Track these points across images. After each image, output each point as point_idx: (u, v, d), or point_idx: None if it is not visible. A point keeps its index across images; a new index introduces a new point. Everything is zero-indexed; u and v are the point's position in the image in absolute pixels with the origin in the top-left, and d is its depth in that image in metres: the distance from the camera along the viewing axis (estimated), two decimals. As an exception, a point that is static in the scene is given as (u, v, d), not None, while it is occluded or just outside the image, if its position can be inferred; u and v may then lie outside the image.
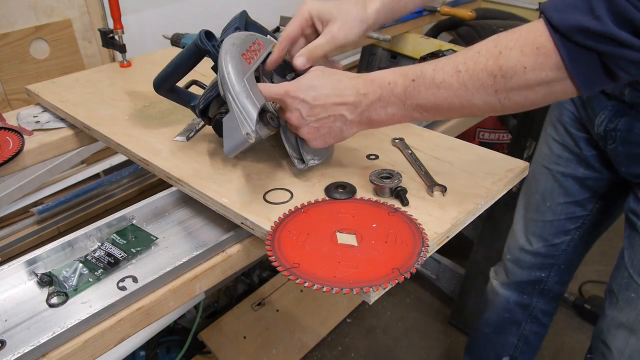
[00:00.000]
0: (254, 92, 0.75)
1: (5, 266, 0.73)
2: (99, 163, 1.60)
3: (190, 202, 0.90)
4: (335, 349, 1.93)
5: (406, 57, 1.85)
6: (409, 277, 0.63)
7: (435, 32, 2.32)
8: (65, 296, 0.70)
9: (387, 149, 0.94)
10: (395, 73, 0.72)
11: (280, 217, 0.75)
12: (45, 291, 0.71)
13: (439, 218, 0.75)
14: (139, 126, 1.05)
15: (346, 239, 0.71)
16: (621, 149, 0.98)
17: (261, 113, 0.76)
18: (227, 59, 0.76)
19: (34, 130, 1.14)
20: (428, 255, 0.68)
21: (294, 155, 0.85)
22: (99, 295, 0.70)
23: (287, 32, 0.82)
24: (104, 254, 0.76)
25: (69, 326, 0.64)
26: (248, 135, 0.71)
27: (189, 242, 0.82)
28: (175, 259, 0.77)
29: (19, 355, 0.60)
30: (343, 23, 0.80)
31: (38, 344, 0.61)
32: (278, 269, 0.66)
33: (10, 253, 1.30)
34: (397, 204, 0.78)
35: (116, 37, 1.36)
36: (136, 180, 1.58)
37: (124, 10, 1.38)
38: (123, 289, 0.71)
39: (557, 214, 1.22)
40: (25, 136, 1.10)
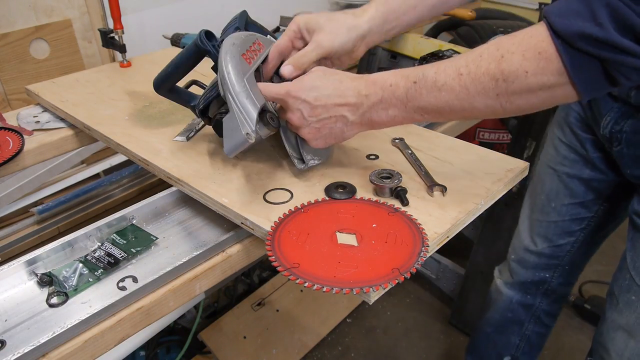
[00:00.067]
0: (254, 92, 0.75)
1: (5, 266, 0.73)
2: (99, 163, 1.60)
3: (190, 202, 0.90)
4: (335, 349, 1.93)
5: (406, 57, 1.85)
6: (409, 277, 0.63)
7: (435, 32, 2.32)
8: (65, 296, 0.70)
9: (387, 149, 0.94)
10: (396, 75, 0.72)
11: (280, 217, 0.75)
12: (45, 291, 0.71)
13: (439, 218, 0.75)
14: (139, 126, 1.05)
15: (346, 239, 0.71)
16: (626, 151, 0.98)
17: (261, 113, 0.76)
18: (227, 59, 0.76)
19: (34, 130, 1.14)
20: (428, 255, 0.68)
21: (294, 155, 0.85)
22: (99, 295, 0.70)
23: (276, 45, 0.83)
24: (104, 254, 0.76)
25: (69, 326, 0.64)
26: (248, 136, 0.71)
27: (189, 242, 0.82)
28: (175, 259, 0.77)
29: (19, 355, 0.60)
30: (329, 31, 0.81)
31: (38, 344, 0.61)
32: (278, 269, 0.66)
33: (10, 253, 1.30)
34: (397, 204, 0.78)
35: (116, 37, 1.36)
36: (136, 180, 1.57)
37: (124, 10, 1.38)
38: (123, 289, 0.71)
39: (562, 215, 1.22)
40: (25, 136, 1.10)
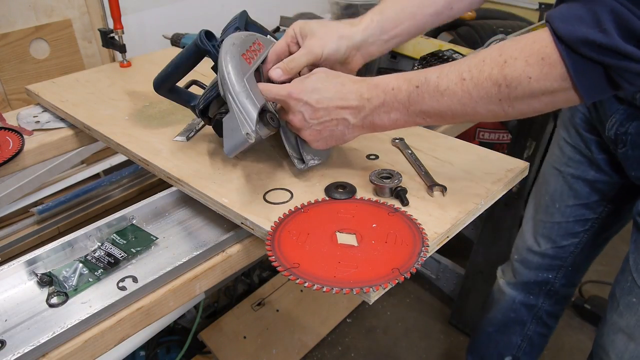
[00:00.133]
0: (254, 92, 0.75)
1: (5, 266, 0.73)
2: (99, 163, 1.60)
3: (190, 202, 0.90)
4: (335, 349, 1.93)
5: (406, 57, 1.85)
6: (409, 277, 0.63)
7: (435, 32, 2.31)
8: (65, 296, 0.70)
9: (387, 149, 0.94)
10: (399, 78, 0.72)
11: (280, 217, 0.75)
12: (45, 291, 0.71)
13: (439, 218, 0.75)
14: (139, 126, 1.05)
15: (346, 239, 0.71)
16: (631, 153, 0.97)
17: (261, 113, 0.76)
18: (227, 59, 0.76)
19: (34, 130, 1.14)
20: (428, 255, 0.68)
21: (294, 155, 0.85)
22: (99, 295, 0.70)
23: (274, 49, 0.83)
24: (104, 254, 0.76)
25: (69, 326, 0.64)
26: (248, 136, 0.71)
27: (189, 242, 0.82)
28: (175, 259, 0.77)
29: (19, 355, 0.60)
30: (320, 37, 0.81)
31: (38, 344, 0.61)
32: (278, 269, 0.66)
33: (10, 253, 1.30)
34: (397, 204, 0.78)
35: (116, 37, 1.36)
36: (136, 180, 1.57)
37: (124, 10, 1.38)
38: (123, 289, 0.71)
39: (566, 216, 1.22)
40: (25, 136, 1.10)
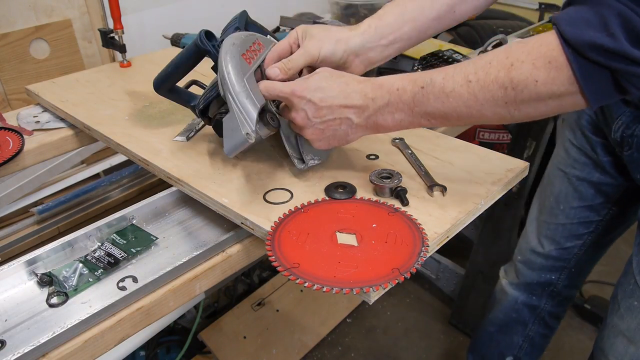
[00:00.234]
0: (254, 92, 0.75)
1: (5, 266, 0.73)
2: (99, 163, 1.60)
3: (190, 202, 0.90)
4: (335, 349, 1.93)
5: (406, 57, 1.85)
6: (409, 277, 0.63)
7: (435, 32, 2.32)
8: (65, 296, 0.70)
9: (387, 149, 0.94)
10: (404, 79, 0.72)
11: (280, 217, 0.75)
12: (45, 291, 0.71)
13: (439, 218, 0.75)
14: (139, 126, 1.05)
15: (346, 239, 0.71)
16: (637, 156, 0.97)
17: (261, 113, 0.76)
18: (227, 59, 0.76)
19: (34, 130, 1.14)
20: (428, 255, 0.68)
21: (293, 155, 0.85)
22: (99, 295, 0.70)
23: (276, 48, 0.83)
24: (104, 254, 0.76)
25: (69, 326, 0.64)
26: (248, 136, 0.71)
27: (189, 242, 0.82)
28: (175, 259, 0.77)
29: (19, 355, 0.60)
30: (318, 39, 0.81)
31: (38, 344, 0.61)
32: (278, 269, 0.66)
33: (10, 253, 1.30)
34: (397, 204, 0.78)
35: (116, 37, 1.36)
36: (136, 180, 1.57)
37: (124, 10, 1.38)
38: (123, 289, 0.71)
39: (570, 218, 1.22)
40: (25, 136, 1.10)
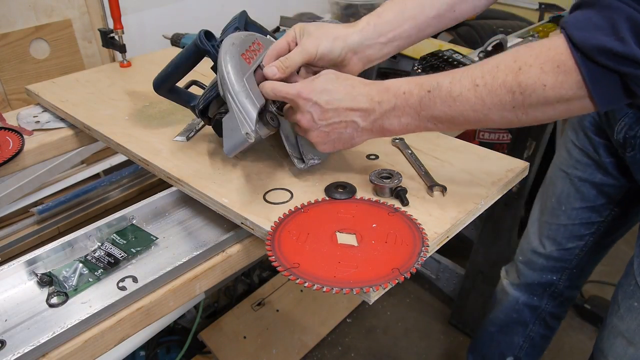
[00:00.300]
0: (253, 92, 0.75)
1: (5, 266, 0.73)
2: (99, 163, 1.60)
3: (190, 202, 0.90)
4: (335, 349, 1.93)
5: (406, 57, 1.85)
6: (409, 277, 0.63)
7: (436, 32, 2.32)
8: (65, 296, 0.70)
9: (387, 149, 0.94)
10: (410, 83, 0.71)
11: (280, 217, 0.75)
12: (45, 291, 0.71)
13: (439, 218, 0.75)
14: (139, 126, 1.05)
15: (346, 239, 0.71)
16: (639, 157, 0.97)
17: (261, 113, 0.76)
18: (226, 59, 0.76)
19: (34, 130, 1.14)
20: (428, 255, 0.68)
21: (293, 155, 0.85)
22: (99, 295, 0.70)
23: (274, 47, 0.83)
24: (104, 254, 0.76)
25: (69, 326, 0.64)
26: (248, 135, 0.71)
27: (189, 242, 0.82)
28: (175, 259, 0.77)
29: (19, 355, 0.60)
30: (315, 37, 0.81)
31: (38, 344, 0.61)
32: (278, 269, 0.66)
33: (10, 253, 1.30)
34: (397, 204, 0.78)
35: (116, 37, 1.36)
36: (136, 180, 1.57)
37: (124, 10, 1.38)
38: (123, 289, 0.71)
39: (572, 219, 1.22)
40: (25, 136, 1.10)
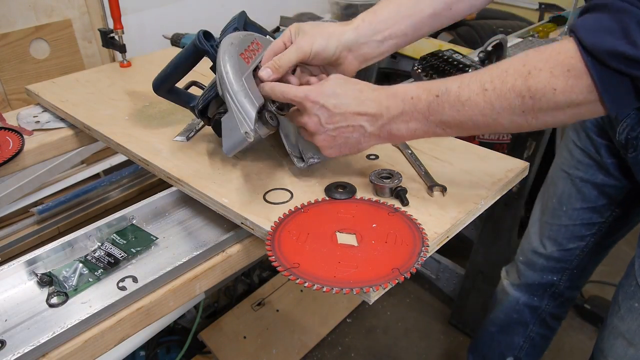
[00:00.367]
0: (252, 91, 0.75)
1: (5, 266, 0.73)
2: (99, 163, 1.61)
3: (190, 202, 0.90)
4: (335, 349, 1.93)
5: (406, 57, 1.85)
6: (409, 277, 0.63)
7: (435, 32, 2.31)
8: (65, 296, 0.70)
9: (387, 149, 0.94)
10: (418, 88, 0.71)
11: (280, 217, 0.75)
12: (45, 291, 0.71)
13: (439, 218, 0.75)
14: (139, 126, 1.05)
15: (346, 239, 0.71)
16: None
17: (260, 112, 0.76)
18: (225, 59, 0.76)
19: (34, 130, 1.14)
20: (428, 255, 0.68)
21: (293, 154, 0.85)
22: (99, 295, 0.70)
23: (271, 47, 0.83)
24: (104, 254, 0.76)
25: (69, 326, 0.64)
26: (247, 134, 0.71)
27: (189, 242, 0.82)
28: (175, 259, 0.77)
29: (19, 355, 0.60)
30: (310, 35, 0.81)
31: (38, 344, 0.61)
32: (278, 269, 0.66)
33: (10, 253, 1.30)
34: (397, 204, 0.78)
35: (116, 37, 1.36)
36: (136, 180, 1.58)
37: (124, 10, 1.38)
38: (123, 289, 0.71)
39: (573, 219, 1.21)
40: (25, 136, 1.10)
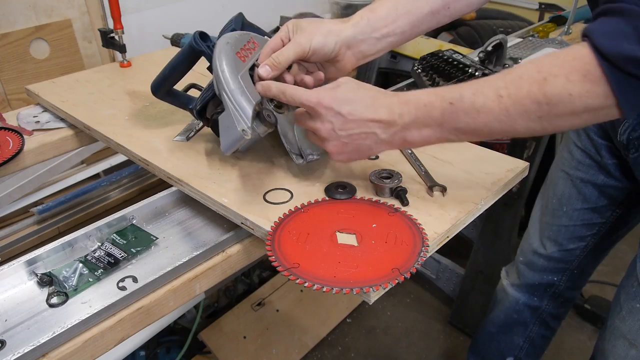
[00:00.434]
0: (248, 89, 0.75)
1: (5, 266, 0.73)
2: (99, 163, 1.61)
3: (190, 202, 0.90)
4: (335, 349, 1.93)
5: (406, 57, 1.85)
6: (409, 277, 0.63)
7: (435, 32, 2.32)
8: (65, 296, 0.70)
9: (387, 149, 0.94)
10: (430, 94, 0.70)
11: (280, 217, 0.75)
12: (45, 291, 0.71)
13: (439, 218, 0.75)
14: (139, 126, 1.05)
15: (346, 239, 0.71)
16: None
17: (258, 110, 0.76)
18: (221, 57, 0.76)
19: (34, 130, 1.14)
20: (428, 255, 0.68)
21: (292, 151, 0.85)
22: (99, 295, 0.70)
23: (269, 44, 0.82)
24: (104, 254, 0.76)
25: (69, 326, 0.64)
26: (244, 132, 0.71)
27: (189, 242, 0.82)
28: (175, 259, 0.77)
29: (19, 355, 0.60)
30: (309, 32, 0.80)
31: (38, 344, 0.61)
32: (278, 269, 0.66)
33: (10, 253, 1.30)
34: (397, 204, 0.78)
35: (116, 37, 1.36)
36: (136, 180, 1.58)
37: (124, 10, 1.38)
38: (123, 289, 0.71)
39: (573, 220, 1.21)
40: (25, 136, 1.10)
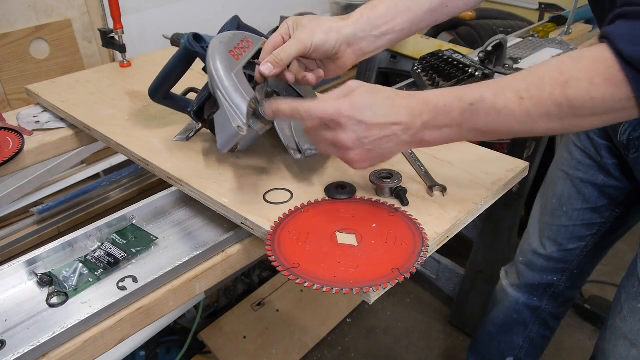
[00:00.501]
0: (243, 86, 0.76)
1: (5, 266, 0.73)
2: (99, 163, 1.61)
3: (190, 202, 0.90)
4: (335, 349, 1.93)
5: (406, 57, 1.85)
6: (409, 277, 0.63)
7: (435, 32, 2.32)
8: (65, 296, 0.70)
9: (387, 149, 0.94)
10: (448, 95, 0.70)
11: (280, 217, 0.76)
12: (45, 291, 0.71)
13: (439, 218, 0.75)
14: (139, 126, 1.05)
15: (346, 239, 0.71)
16: None
17: (254, 108, 0.76)
18: (214, 56, 0.77)
19: (34, 130, 1.14)
20: (428, 255, 0.68)
21: (290, 147, 0.84)
22: (99, 295, 0.70)
23: (269, 41, 0.82)
24: (104, 254, 0.76)
25: (69, 326, 0.64)
26: (239, 128, 0.71)
27: (189, 242, 0.82)
28: (175, 259, 0.77)
29: (19, 355, 0.60)
30: (309, 29, 0.80)
31: (38, 344, 0.61)
32: (278, 269, 0.66)
33: (10, 253, 1.30)
34: (397, 204, 0.78)
35: (116, 37, 1.36)
36: (136, 180, 1.58)
37: (124, 10, 1.38)
38: (123, 289, 0.71)
39: (573, 220, 1.21)
40: (25, 136, 1.10)
